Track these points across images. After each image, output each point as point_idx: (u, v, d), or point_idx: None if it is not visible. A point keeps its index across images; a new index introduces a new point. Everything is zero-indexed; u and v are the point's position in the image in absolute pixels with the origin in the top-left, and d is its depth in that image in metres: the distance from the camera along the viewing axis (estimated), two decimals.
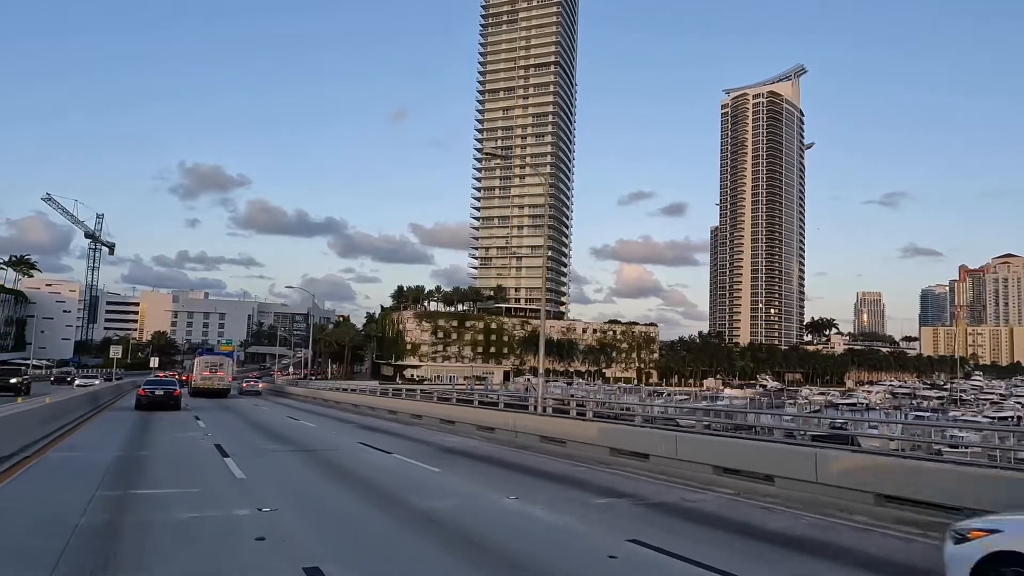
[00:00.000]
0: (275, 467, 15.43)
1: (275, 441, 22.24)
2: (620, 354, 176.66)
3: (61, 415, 23.56)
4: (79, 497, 10.52)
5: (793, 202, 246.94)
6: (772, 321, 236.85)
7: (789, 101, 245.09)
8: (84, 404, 31.05)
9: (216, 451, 17.86)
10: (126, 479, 12.83)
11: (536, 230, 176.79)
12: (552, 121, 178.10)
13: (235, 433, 24.95)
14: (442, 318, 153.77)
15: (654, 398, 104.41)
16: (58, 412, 22.96)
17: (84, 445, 19.00)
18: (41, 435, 18.79)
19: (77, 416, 27.12)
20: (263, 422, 31.06)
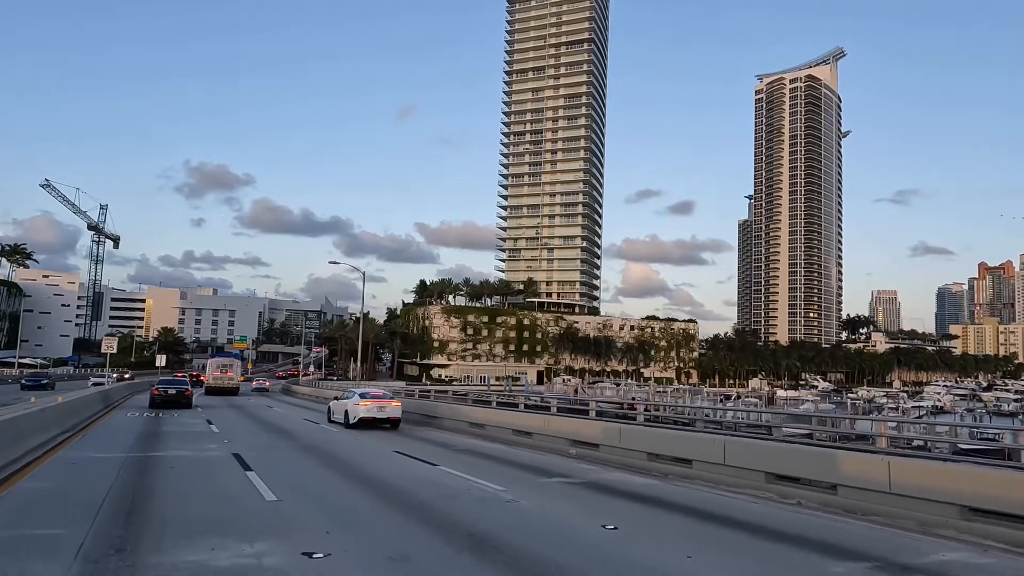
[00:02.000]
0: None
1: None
2: (659, 352, 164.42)
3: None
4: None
5: (832, 193, 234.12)
6: (811, 318, 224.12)
7: (828, 86, 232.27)
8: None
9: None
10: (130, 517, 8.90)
11: (569, 219, 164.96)
12: (586, 102, 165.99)
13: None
14: (471, 313, 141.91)
15: (721, 401, 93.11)
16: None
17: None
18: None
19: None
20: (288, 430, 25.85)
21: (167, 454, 16.90)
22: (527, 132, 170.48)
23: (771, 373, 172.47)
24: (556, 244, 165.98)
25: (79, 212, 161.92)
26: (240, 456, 16.35)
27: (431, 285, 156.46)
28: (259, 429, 25.93)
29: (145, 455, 16.45)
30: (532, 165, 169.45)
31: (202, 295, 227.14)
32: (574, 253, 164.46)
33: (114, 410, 32.86)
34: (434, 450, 18.51)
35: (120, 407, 34.84)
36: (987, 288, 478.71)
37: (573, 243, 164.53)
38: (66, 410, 21.49)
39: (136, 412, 31.75)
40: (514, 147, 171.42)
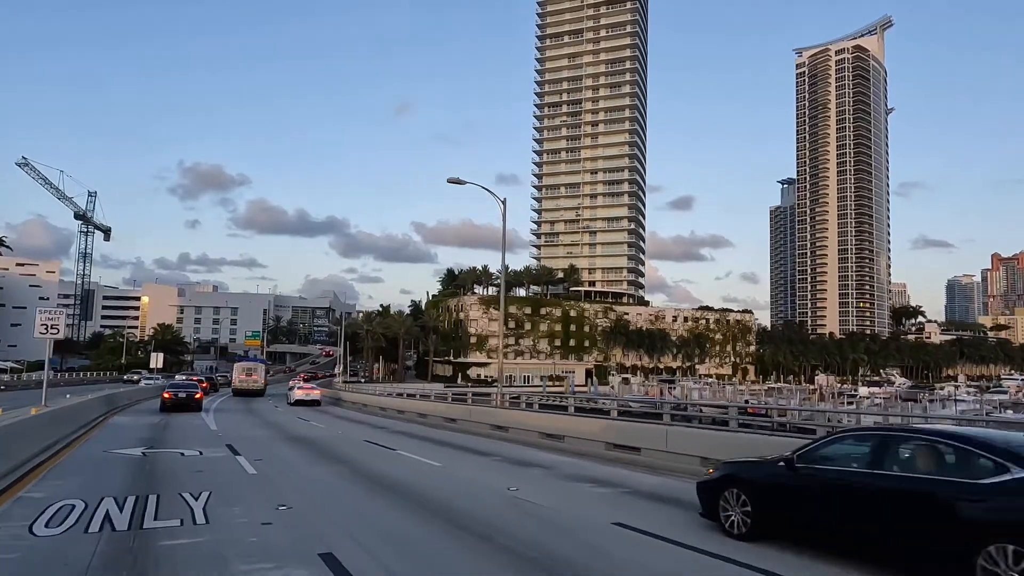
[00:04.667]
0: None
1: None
2: (714, 347, 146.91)
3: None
4: None
5: (883, 174, 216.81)
6: (863, 308, 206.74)
7: (875, 57, 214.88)
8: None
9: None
10: None
11: (613, 199, 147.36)
12: (630, 67, 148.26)
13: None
14: (514, 304, 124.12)
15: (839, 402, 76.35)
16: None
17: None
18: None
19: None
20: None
21: None
22: (564, 103, 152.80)
23: (830, 368, 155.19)
24: (599, 227, 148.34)
25: (64, 198, 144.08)
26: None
27: (460, 274, 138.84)
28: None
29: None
30: (570, 140, 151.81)
31: (202, 292, 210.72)
32: (620, 237, 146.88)
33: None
34: None
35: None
36: (1001, 279, 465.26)
37: (619, 225, 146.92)
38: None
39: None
40: (549, 120, 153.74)
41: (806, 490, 7.27)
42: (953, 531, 5.92)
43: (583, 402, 36.35)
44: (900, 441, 7.07)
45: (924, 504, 6.23)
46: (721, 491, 8.12)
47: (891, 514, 6.43)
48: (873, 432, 7.78)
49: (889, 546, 6.45)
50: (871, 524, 6.57)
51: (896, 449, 6.96)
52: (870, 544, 6.63)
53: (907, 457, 6.83)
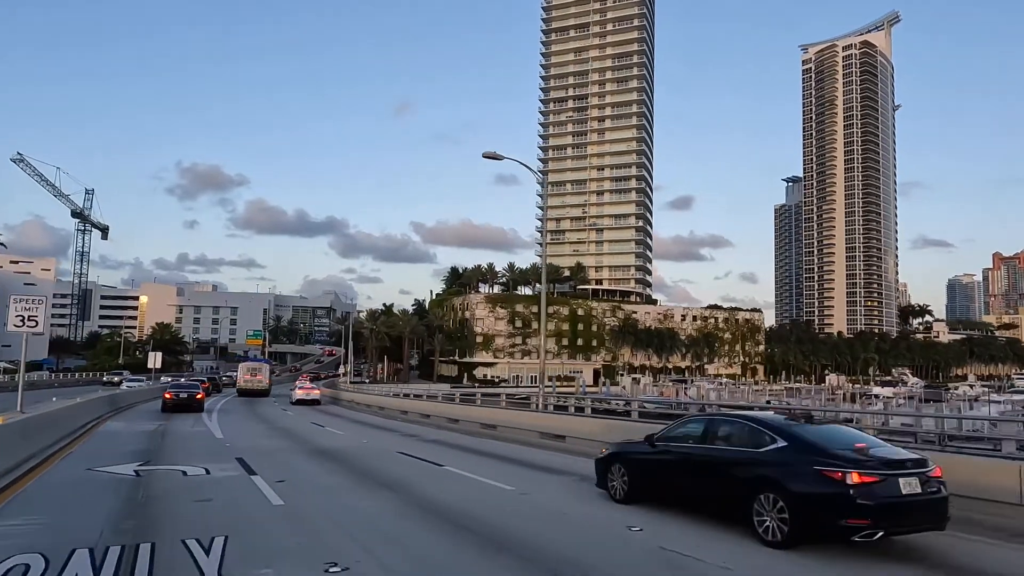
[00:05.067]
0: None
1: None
2: (723, 346, 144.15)
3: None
4: None
5: (890, 171, 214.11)
6: (871, 307, 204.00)
7: (882, 53, 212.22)
8: None
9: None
10: None
11: (620, 195, 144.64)
12: (637, 62, 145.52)
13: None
14: (520, 303, 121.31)
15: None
16: None
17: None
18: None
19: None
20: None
21: None
22: (569, 98, 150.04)
23: (840, 368, 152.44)
24: (606, 224, 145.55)
25: (61, 195, 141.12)
26: None
27: (465, 273, 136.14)
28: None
29: None
30: (576, 135, 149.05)
31: (201, 292, 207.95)
32: (627, 234, 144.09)
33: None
34: None
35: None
36: (1002, 278, 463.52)
37: (626, 223, 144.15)
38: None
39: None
40: (555, 115, 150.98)
41: (660, 462, 9.25)
42: (742, 485, 7.89)
43: (599, 403, 35.31)
44: (720, 423, 9.06)
45: (729, 467, 8.21)
46: (609, 466, 10.08)
47: (711, 476, 8.45)
48: (703, 417, 10.33)
49: (710, 499, 8.48)
50: (699, 484, 8.61)
51: (717, 429, 8.88)
52: (700, 500, 8.66)
53: (723, 435, 8.73)
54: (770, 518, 7.40)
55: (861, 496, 6.94)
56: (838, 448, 7.57)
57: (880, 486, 7.09)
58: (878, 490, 7.04)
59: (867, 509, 6.91)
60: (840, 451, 7.51)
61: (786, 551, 7.09)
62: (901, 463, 7.45)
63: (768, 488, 7.52)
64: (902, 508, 7.13)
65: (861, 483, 7.01)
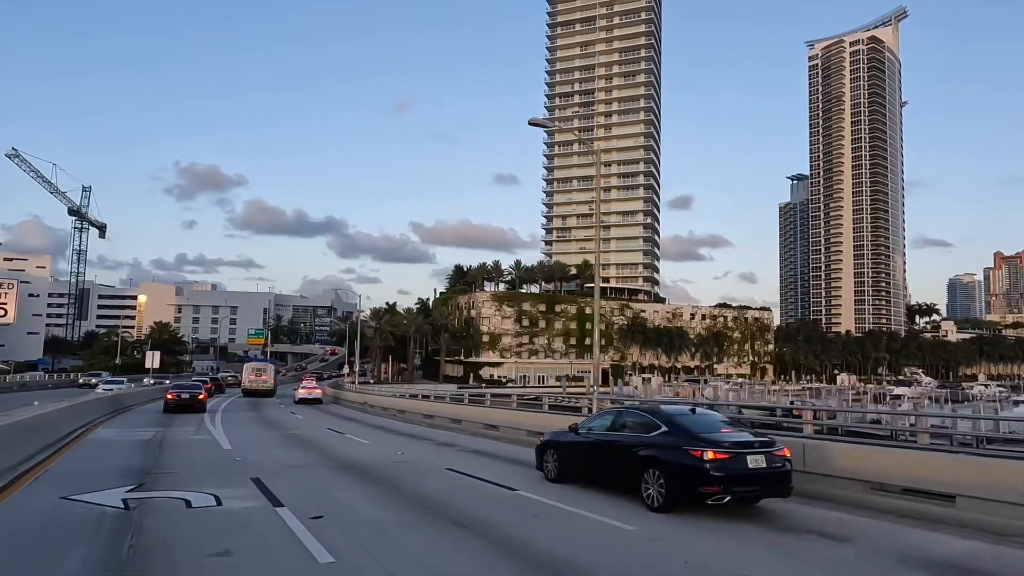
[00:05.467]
0: None
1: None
2: (731, 345, 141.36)
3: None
4: None
5: (898, 168, 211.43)
6: (879, 306, 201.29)
7: (890, 49, 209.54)
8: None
9: None
10: None
11: (628, 192, 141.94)
12: (645, 55, 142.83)
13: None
14: (527, 301, 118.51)
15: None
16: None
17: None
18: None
19: None
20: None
21: None
22: (576, 94, 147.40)
23: (850, 367, 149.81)
24: (613, 221, 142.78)
25: (57, 192, 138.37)
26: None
27: (470, 271, 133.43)
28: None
29: None
30: (582, 131, 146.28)
31: (200, 291, 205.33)
32: (636, 231, 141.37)
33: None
34: None
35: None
36: (1003, 278, 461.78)
37: (634, 219, 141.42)
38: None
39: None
40: (560, 111, 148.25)
41: (581, 447, 11.23)
42: (636, 463, 9.64)
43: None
44: (624, 415, 11.04)
45: (628, 450, 10.00)
46: (544, 452, 12.10)
47: (616, 457, 10.32)
48: (614, 409, 12.13)
49: (616, 476, 10.34)
50: (609, 464, 10.56)
51: (623, 420, 10.84)
52: (609, 477, 10.60)
53: (626, 424, 10.65)
54: (653, 488, 9.14)
55: (714, 469, 8.61)
56: (705, 433, 9.26)
57: (730, 461, 8.74)
58: (729, 464, 8.70)
59: (718, 479, 8.61)
60: (705, 435, 9.19)
61: (664, 514, 8.79)
62: (750, 444, 9.12)
63: (652, 465, 9.29)
64: (748, 478, 8.79)
65: (715, 459, 8.70)
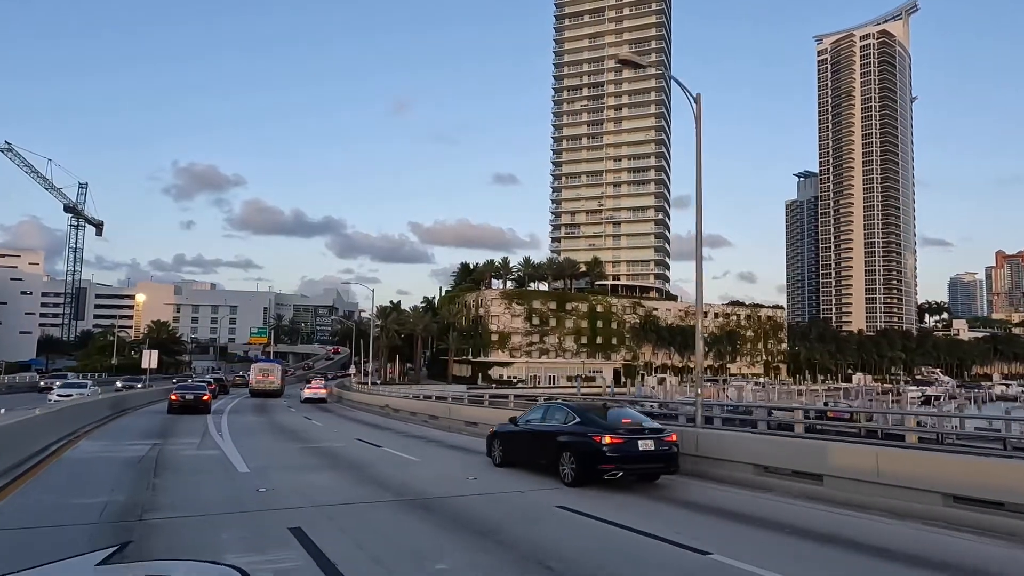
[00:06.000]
0: None
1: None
2: (744, 344, 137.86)
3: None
4: None
5: (909, 164, 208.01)
6: (891, 304, 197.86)
7: (901, 43, 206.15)
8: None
9: None
10: None
11: (639, 187, 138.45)
12: (656, 47, 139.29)
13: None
14: (537, 299, 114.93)
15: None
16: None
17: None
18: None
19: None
20: None
21: None
22: (584, 86, 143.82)
23: (865, 367, 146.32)
24: (623, 217, 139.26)
25: (52, 188, 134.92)
26: None
27: (477, 268, 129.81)
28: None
29: None
30: (591, 125, 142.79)
31: (199, 290, 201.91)
32: (646, 227, 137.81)
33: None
34: None
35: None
36: (1005, 276, 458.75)
37: (645, 215, 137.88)
38: None
39: None
40: (568, 104, 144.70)
41: (520, 436, 13.63)
42: (556, 448, 12.09)
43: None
44: (551, 409, 13.51)
45: (551, 437, 12.39)
46: (492, 441, 14.62)
47: (543, 444, 12.62)
48: (546, 404, 14.85)
49: (543, 459, 12.67)
50: (538, 449, 12.87)
51: (549, 413, 13.37)
52: (538, 460, 12.94)
53: (551, 416, 13.13)
54: (567, 467, 11.78)
55: (610, 451, 11.24)
56: (608, 423, 12.01)
57: (624, 445, 11.38)
58: (623, 447, 11.34)
59: (613, 458, 11.24)
60: (608, 424, 11.93)
61: (575, 488, 11.24)
62: (642, 431, 11.87)
63: (567, 449, 11.91)
64: (638, 458, 11.47)
65: (611, 443, 11.33)
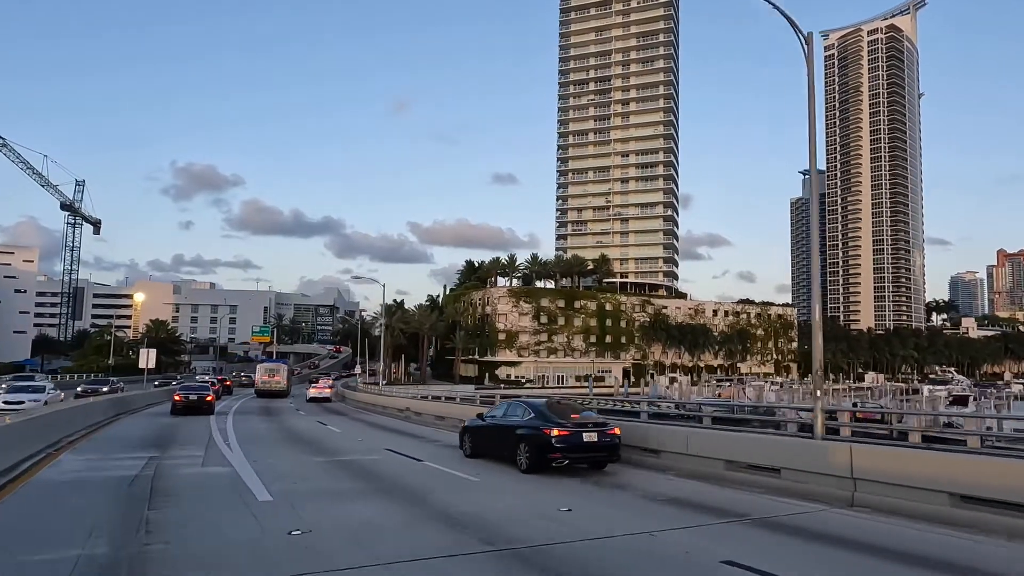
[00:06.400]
0: None
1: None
2: (755, 343, 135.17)
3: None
4: None
5: (917, 160, 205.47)
6: (900, 302, 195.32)
7: (908, 38, 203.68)
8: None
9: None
10: None
11: (647, 183, 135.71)
12: (664, 40, 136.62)
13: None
14: (546, 297, 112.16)
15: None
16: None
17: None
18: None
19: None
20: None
21: None
22: (591, 81, 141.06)
23: (877, 366, 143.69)
24: (631, 214, 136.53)
25: (48, 185, 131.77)
26: None
27: (483, 266, 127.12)
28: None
29: None
30: (598, 120, 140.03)
31: (198, 290, 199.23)
32: (655, 224, 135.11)
33: None
34: None
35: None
36: (1006, 275, 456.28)
37: (653, 211, 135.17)
38: None
39: None
40: (575, 99, 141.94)
41: (486, 431, 15.61)
42: (515, 440, 13.94)
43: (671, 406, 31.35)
44: (511, 406, 15.46)
45: (511, 431, 14.28)
46: (464, 434, 16.61)
47: (504, 436, 14.51)
48: (508, 402, 16.69)
49: (504, 451, 14.46)
50: (500, 442, 14.71)
51: (510, 409, 15.28)
52: (501, 452, 14.72)
53: (511, 413, 15.05)
54: (522, 457, 13.55)
55: (557, 442, 13.03)
56: (559, 418, 13.76)
57: (570, 436, 13.17)
58: (569, 438, 13.13)
59: (560, 448, 13.05)
60: (558, 419, 13.67)
61: (529, 475, 13.09)
62: (585, 425, 13.59)
63: (522, 440, 13.69)
64: (582, 448, 13.26)
65: (559, 435, 13.10)
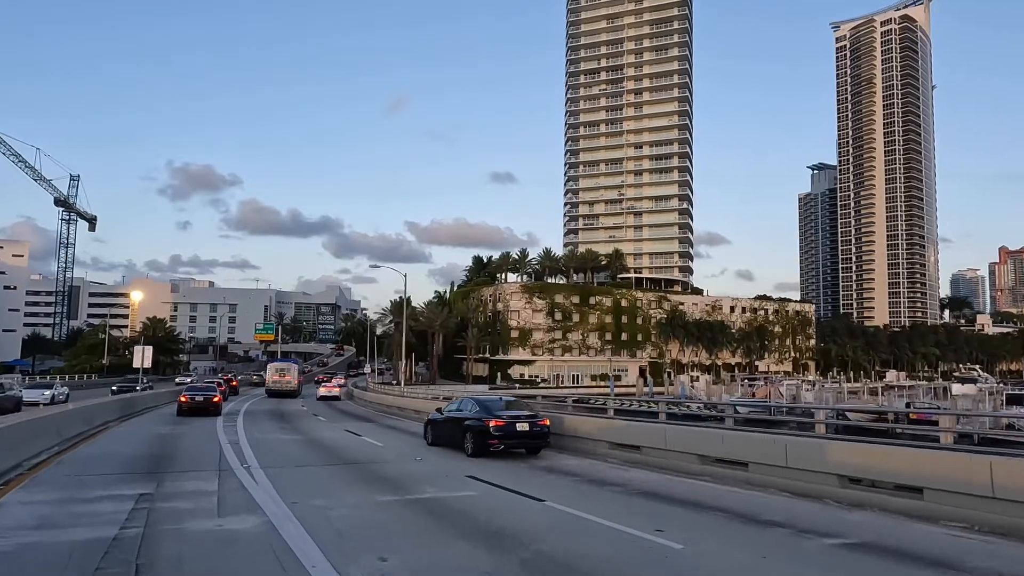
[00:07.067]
0: None
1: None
2: (773, 340, 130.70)
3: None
4: None
5: (932, 154, 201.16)
6: (916, 298, 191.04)
7: (922, 29, 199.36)
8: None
9: None
10: None
11: (661, 175, 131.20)
12: (678, 27, 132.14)
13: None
14: (560, 292, 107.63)
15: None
16: None
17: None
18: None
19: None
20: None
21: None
22: (602, 70, 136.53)
23: (897, 363, 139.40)
24: (645, 207, 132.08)
25: (41, 180, 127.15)
26: None
27: (492, 261, 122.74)
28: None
29: None
30: (610, 111, 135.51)
31: (197, 288, 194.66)
32: (670, 218, 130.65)
33: None
34: None
35: None
36: (1008, 272, 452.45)
37: (668, 205, 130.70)
38: None
39: None
40: (586, 89, 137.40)
41: (444, 423, 18.26)
42: (463, 430, 16.72)
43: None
44: (465, 402, 18.28)
45: (461, 422, 17.00)
46: (427, 426, 19.44)
47: (456, 427, 17.15)
48: (465, 398, 19.61)
49: (456, 439, 17.04)
50: (453, 432, 17.32)
51: (463, 404, 18.04)
52: (454, 440, 17.27)
53: (463, 407, 17.77)
54: (468, 444, 16.21)
55: (495, 431, 15.79)
56: (499, 411, 16.52)
57: (506, 426, 15.89)
58: (504, 428, 15.87)
59: (497, 436, 15.81)
60: (498, 412, 16.45)
61: (473, 458, 15.49)
62: (519, 417, 16.27)
63: (468, 430, 16.42)
64: (516, 436, 16.00)
65: (495, 425, 15.85)
